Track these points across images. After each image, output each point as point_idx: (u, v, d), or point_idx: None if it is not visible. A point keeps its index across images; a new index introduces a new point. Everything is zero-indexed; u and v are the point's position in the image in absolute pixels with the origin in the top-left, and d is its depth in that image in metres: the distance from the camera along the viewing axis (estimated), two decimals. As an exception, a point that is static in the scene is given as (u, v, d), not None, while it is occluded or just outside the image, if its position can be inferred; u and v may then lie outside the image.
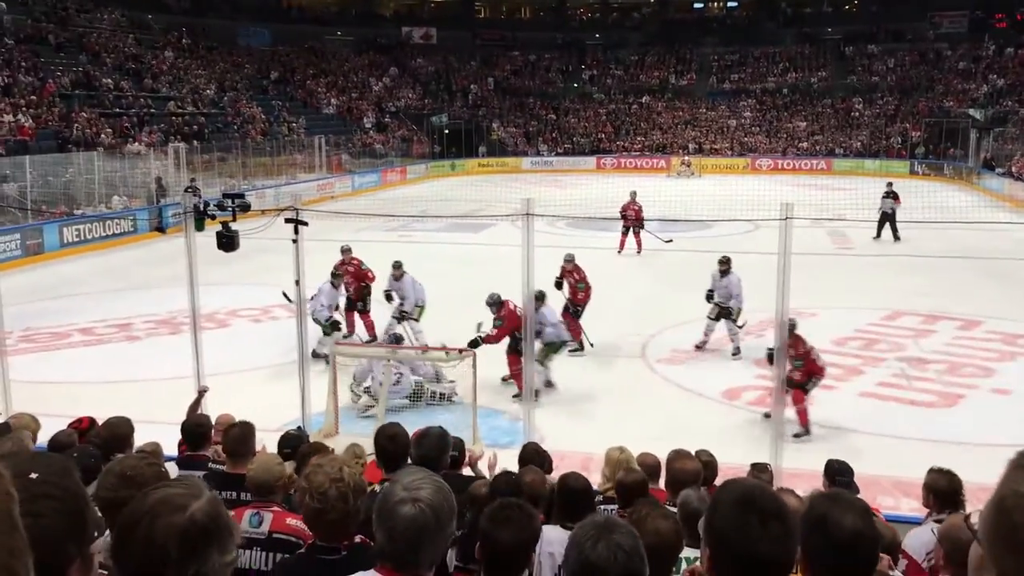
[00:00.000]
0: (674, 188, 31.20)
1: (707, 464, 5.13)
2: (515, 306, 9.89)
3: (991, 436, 8.69)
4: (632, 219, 20.41)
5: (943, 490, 4.70)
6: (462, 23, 54.79)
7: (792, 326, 8.46)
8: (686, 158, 42.61)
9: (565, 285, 12.45)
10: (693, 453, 5.12)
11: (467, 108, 49.04)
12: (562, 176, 40.28)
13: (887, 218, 21.58)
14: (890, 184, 22.20)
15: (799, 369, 8.96)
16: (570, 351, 11.70)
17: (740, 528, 1.73)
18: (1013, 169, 32.64)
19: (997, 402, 10.28)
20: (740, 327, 12.01)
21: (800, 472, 6.79)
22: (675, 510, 3.55)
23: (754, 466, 5.48)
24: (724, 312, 12.05)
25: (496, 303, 10.28)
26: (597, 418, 9.73)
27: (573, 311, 12.17)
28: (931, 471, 4.92)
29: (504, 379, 10.67)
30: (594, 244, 21.13)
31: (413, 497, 1.97)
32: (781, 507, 1.79)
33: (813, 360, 9.15)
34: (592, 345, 12.22)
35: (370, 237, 12.53)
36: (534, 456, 5.32)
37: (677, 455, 4.81)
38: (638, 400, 10.40)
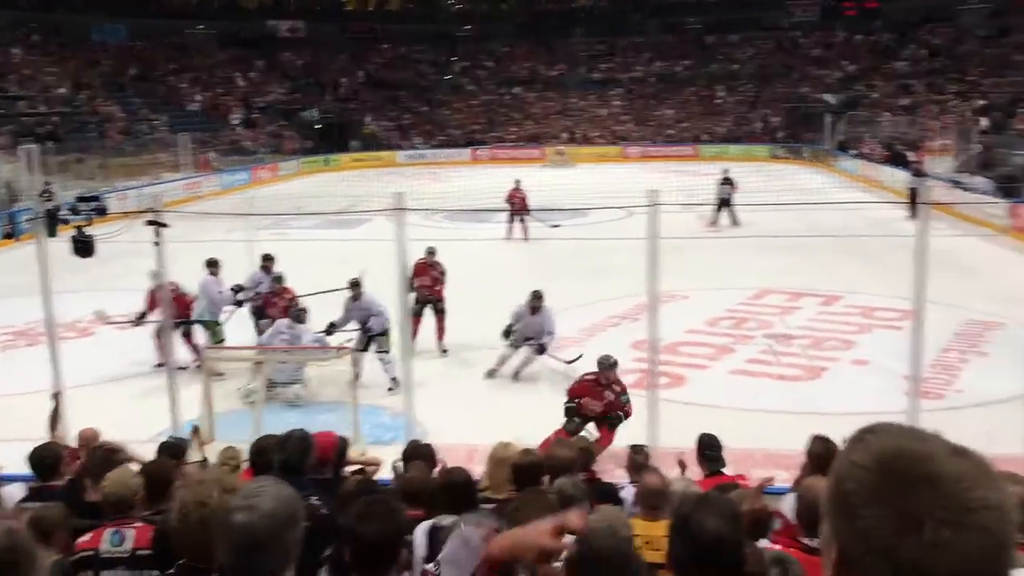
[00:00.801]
0: (549, 177, 31.53)
1: (583, 450, 5.20)
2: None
3: (853, 405, 9.14)
4: (517, 207, 20.60)
5: (818, 454, 4.91)
6: (330, 16, 53.86)
7: (613, 363, 8.40)
8: (560, 148, 43.14)
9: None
10: (573, 441, 5.21)
11: (338, 102, 48.29)
12: (438, 168, 40.18)
13: (725, 204, 22.22)
14: (726, 171, 22.83)
15: (628, 405, 8.31)
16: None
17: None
18: (865, 150, 34.39)
19: (857, 373, 10.81)
20: (571, 362, 10.63)
21: (677, 451, 6.97)
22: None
23: (632, 447, 5.60)
24: (539, 349, 10.81)
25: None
26: (482, 409, 9.75)
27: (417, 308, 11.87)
28: (812, 437, 5.15)
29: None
30: (472, 235, 21.16)
31: (248, 505, 1.89)
32: None
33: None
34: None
35: (243, 237, 12.18)
36: (417, 452, 5.29)
37: (557, 444, 4.88)
38: (521, 390, 10.48)
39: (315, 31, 52.26)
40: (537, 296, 10.81)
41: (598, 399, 8.26)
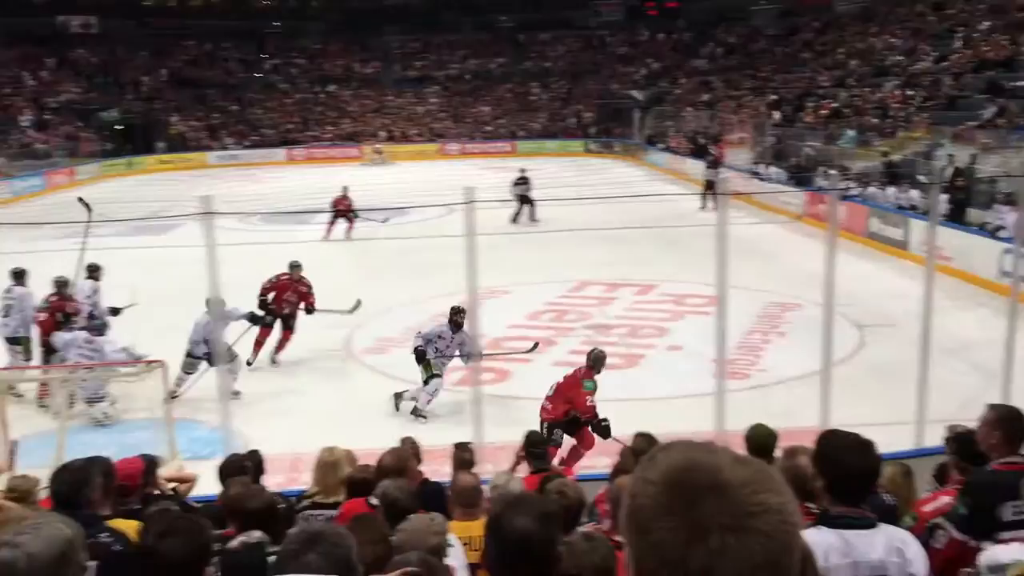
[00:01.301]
0: (368, 176, 31.22)
1: (411, 451, 5.17)
2: None
3: (670, 390, 9.56)
4: (343, 211, 20.38)
5: (641, 450, 5.09)
6: (126, 11, 50.92)
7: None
8: (378, 146, 42.77)
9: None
10: (400, 447, 5.16)
11: (140, 101, 45.84)
12: (253, 170, 38.90)
13: (526, 201, 22.41)
14: (523, 171, 23.11)
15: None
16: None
17: None
18: (671, 144, 36.04)
19: (672, 358, 11.31)
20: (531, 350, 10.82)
21: (504, 446, 7.07)
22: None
23: (457, 446, 5.62)
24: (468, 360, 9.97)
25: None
26: (305, 416, 9.53)
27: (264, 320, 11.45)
28: (636, 435, 5.34)
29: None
30: (291, 238, 20.65)
31: (13, 543, 1.78)
32: None
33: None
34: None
35: (45, 247, 11.31)
36: (236, 468, 5.08)
37: (389, 452, 4.86)
38: (346, 393, 10.32)
39: (111, 27, 49.26)
40: (460, 311, 9.63)
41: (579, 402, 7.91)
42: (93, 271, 11.28)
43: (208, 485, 5.29)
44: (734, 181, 22.88)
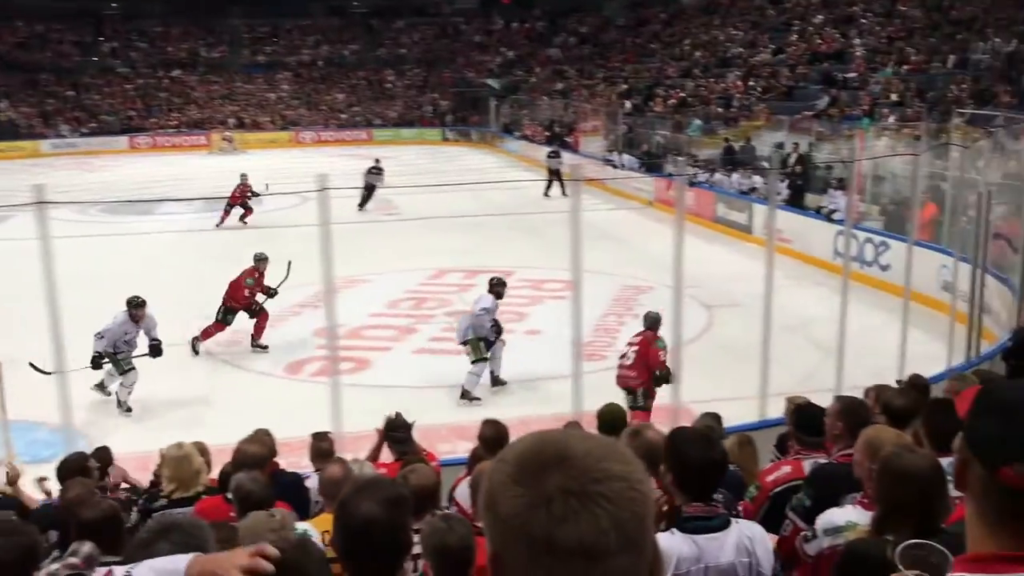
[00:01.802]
0: (218, 164, 30.19)
1: (269, 445, 5.06)
2: None
3: (528, 372, 9.69)
4: (239, 198, 19.74)
5: (489, 438, 5.14)
6: (-53, -12, 47.39)
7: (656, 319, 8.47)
8: (227, 133, 41.38)
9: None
10: (260, 435, 5.05)
11: (-36, 86, 42.75)
12: (92, 158, 36.89)
13: (372, 190, 22.13)
14: (377, 160, 23.04)
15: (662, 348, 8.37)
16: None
17: None
18: (527, 133, 36.46)
19: (531, 342, 11.47)
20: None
21: (363, 434, 7.01)
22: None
23: (314, 436, 5.54)
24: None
25: None
26: (156, 414, 9.17)
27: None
28: (484, 421, 5.37)
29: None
30: (135, 229, 19.80)
31: None
32: None
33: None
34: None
35: None
36: (76, 469, 4.84)
37: (248, 439, 4.75)
38: (199, 388, 9.98)
39: (-72, 6, 45.73)
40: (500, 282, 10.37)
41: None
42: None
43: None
44: (588, 168, 23.37)
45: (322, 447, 5.36)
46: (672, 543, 2.76)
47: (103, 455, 5.27)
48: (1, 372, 7.83)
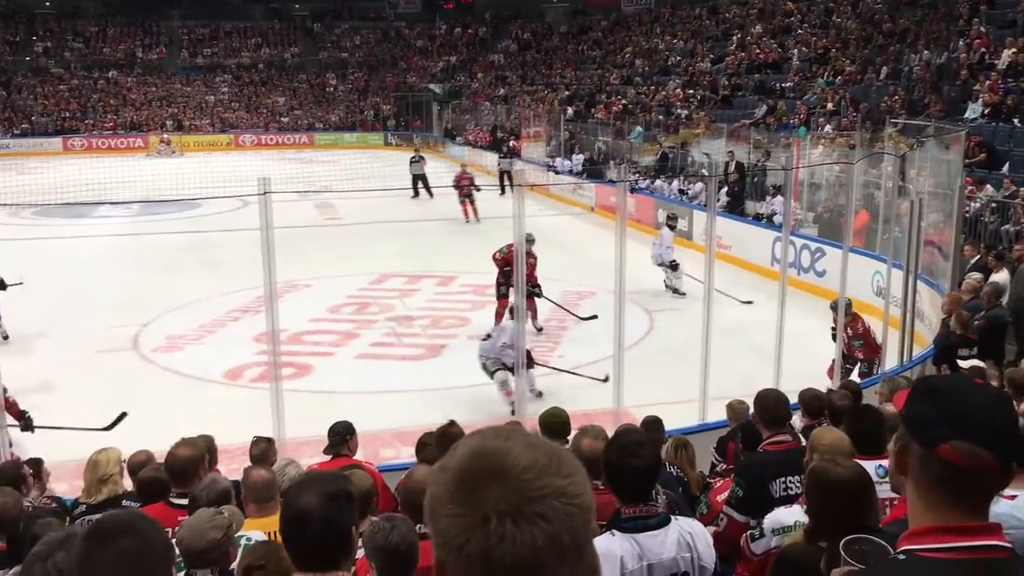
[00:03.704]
0: (156, 167, 29.62)
1: (207, 448, 4.99)
2: None
3: (472, 379, 9.68)
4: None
5: (438, 437, 5.14)
6: None
7: (848, 304, 8.83)
8: (165, 136, 40.66)
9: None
10: (195, 438, 4.96)
11: None
12: (24, 159, 35.89)
13: (419, 179, 22.67)
14: (416, 149, 23.20)
15: (860, 349, 9.15)
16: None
17: None
18: (470, 138, 36.47)
19: (474, 347, 11.45)
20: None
21: (307, 440, 6.95)
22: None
23: (255, 439, 5.48)
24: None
25: None
26: (92, 420, 8.94)
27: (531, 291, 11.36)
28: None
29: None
30: (67, 233, 19.37)
31: None
32: None
33: (872, 339, 9.19)
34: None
35: None
36: (9, 479, 4.71)
37: (179, 443, 4.65)
38: (137, 394, 9.76)
39: None
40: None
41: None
42: None
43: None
44: (530, 174, 23.49)
45: (253, 452, 5.31)
46: (612, 543, 2.81)
47: (37, 465, 5.15)
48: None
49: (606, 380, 8.66)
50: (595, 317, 11.36)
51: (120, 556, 1.73)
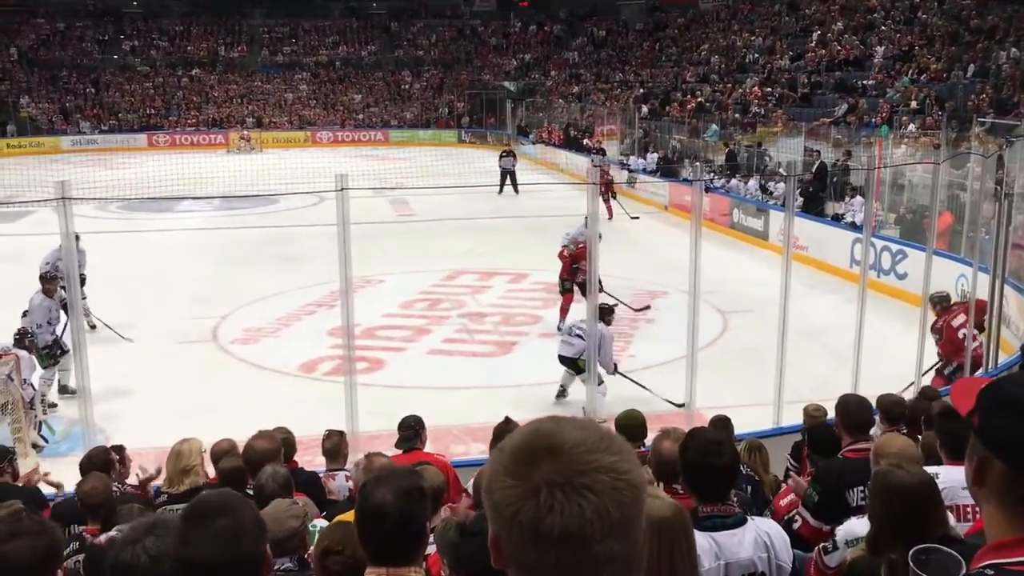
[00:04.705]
0: (236, 163, 30.32)
1: (285, 441, 5.08)
2: None
3: (543, 376, 9.67)
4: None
5: (500, 432, 5.14)
6: (-31, -15, 47.77)
7: (946, 298, 9.04)
8: (245, 132, 41.57)
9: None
10: (272, 431, 5.06)
11: (-13, 82, 43.10)
12: (110, 155, 37.12)
13: (507, 175, 22.90)
14: (507, 143, 23.39)
15: (938, 343, 8.92)
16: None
17: None
18: (543, 135, 36.45)
19: (544, 345, 11.44)
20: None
21: (378, 434, 7.03)
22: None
23: (328, 432, 5.56)
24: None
25: None
26: (172, 409, 9.19)
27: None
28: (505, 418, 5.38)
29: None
30: (151, 226, 19.96)
31: None
32: None
33: (955, 335, 8.80)
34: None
35: None
36: (99, 463, 4.87)
37: (256, 435, 4.73)
38: (215, 385, 10.02)
39: (-48, 2, 46.13)
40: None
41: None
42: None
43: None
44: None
45: (335, 445, 5.39)
46: None
47: (120, 451, 5.31)
48: (19, 364, 7.88)
49: (682, 407, 8.27)
50: (648, 308, 11.32)
51: (217, 535, 1.80)
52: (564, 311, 11.79)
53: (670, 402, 8.66)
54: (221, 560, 1.78)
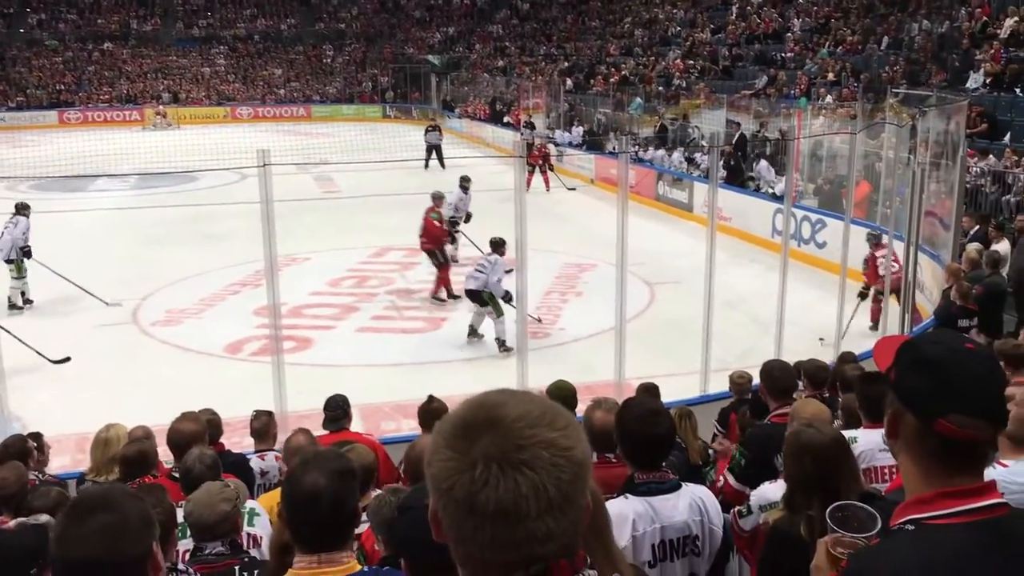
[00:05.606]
0: (153, 140, 29.50)
1: (211, 422, 4.98)
2: None
3: (472, 351, 9.68)
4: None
5: (420, 415, 5.16)
6: None
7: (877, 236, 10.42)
8: (161, 108, 40.43)
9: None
10: (197, 413, 4.94)
11: None
12: (19, 133, 35.69)
13: (432, 149, 22.65)
14: (432, 117, 23.04)
15: (864, 272, 10.49)
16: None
17: None
18: (469, 109, 36.25)
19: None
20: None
21: (308, 413, 6.94)
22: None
23: (256, 413, 5.48)
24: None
25: None
26: (92, 395, 8.94)
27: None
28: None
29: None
30: (64, 206, 19.30)
31: None
32: None
33: (875, 265, 10.28)
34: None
35: None
36: (16, 453, 4.70)
37: (180, 417, 4.63)
38: (137, 369, 9.76)
39: None
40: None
41: None
42: None
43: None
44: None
45: (263, 426, 5.31)
46: (624, 506, 2.84)
47: (39, 439, 5.14)
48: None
49: (539, 321, 10.43)
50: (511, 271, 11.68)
51: (95, 532, 1.67)
52: (446, 282, 12.22)
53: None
54: (100, 559, 1.65)
